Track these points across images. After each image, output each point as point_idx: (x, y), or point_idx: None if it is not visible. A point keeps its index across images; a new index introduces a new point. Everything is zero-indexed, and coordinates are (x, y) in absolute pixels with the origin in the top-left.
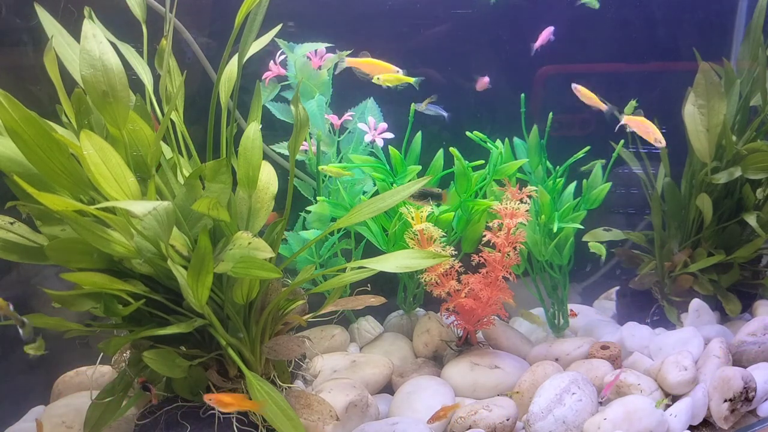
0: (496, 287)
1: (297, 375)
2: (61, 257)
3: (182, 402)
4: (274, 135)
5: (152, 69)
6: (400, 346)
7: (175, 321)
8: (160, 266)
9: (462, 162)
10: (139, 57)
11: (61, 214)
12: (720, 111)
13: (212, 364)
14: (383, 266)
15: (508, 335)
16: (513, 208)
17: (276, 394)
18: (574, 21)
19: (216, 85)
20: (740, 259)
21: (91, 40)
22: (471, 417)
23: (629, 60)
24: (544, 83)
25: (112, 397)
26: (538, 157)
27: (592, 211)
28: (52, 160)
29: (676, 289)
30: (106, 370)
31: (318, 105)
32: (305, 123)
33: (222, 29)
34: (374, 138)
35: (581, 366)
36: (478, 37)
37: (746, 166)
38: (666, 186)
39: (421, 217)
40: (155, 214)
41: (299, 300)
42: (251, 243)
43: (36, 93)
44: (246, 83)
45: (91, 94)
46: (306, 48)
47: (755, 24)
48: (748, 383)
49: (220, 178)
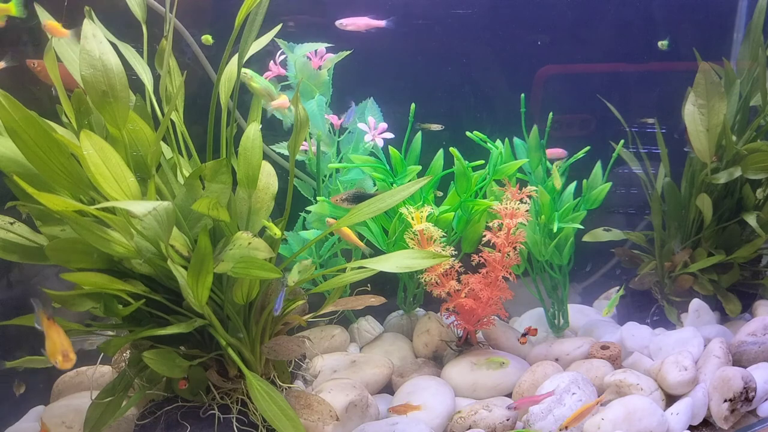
0: (496, 287)
1: (297, 375)
2: (61, 257)
3: (182, 402)
4: (274, 135)
5: (152, 69)
6: (400, 346)
7: (175, 321)
8: (160, 266)
9: (462, 162)
10: (139, 57)
11: (61, 214)
12: (720, 111)
13: (212, 364)
14: (383, 266)
15: (508, 335)
16: (513, 208)
17: (276, 394)
18: (574, 21)
19: (216, 85)
20: (740, 259)
21: (91, 40)
22: (471, 417)
23: (629, 60)
24: (544, 83)
25: (112, 397)
26: (538, 157)
27: (592, 211)
28: (52, 160)
29: (676, 289)
30: (106, 370)
31: (318, 105)
32: (305, 123)
33: (222, 29)
34: (374, 138)
35: (581, 366)
36: (478, 36)
37: (746, 166)
38: (666, 186)
39: (421, 217)
40: (155, 214)
41: (299, 300)
42: (251, 243)
43: (36, 93)
44: None
45: (91, 94)
46: (306, 48)
47: (755, 24)
48: (748, 383)
49: (220, 178)
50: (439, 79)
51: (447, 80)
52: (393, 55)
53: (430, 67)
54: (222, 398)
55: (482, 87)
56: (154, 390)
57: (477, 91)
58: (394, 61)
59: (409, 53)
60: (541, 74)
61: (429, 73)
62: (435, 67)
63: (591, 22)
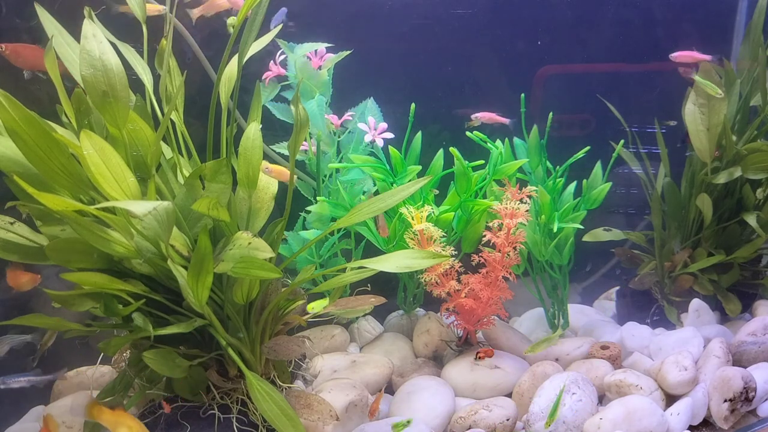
0: (496, 287)
1: (297, 375)
2: (61, 257)
3: (182, 402)
4: (274, 135)
5: (152, 69)
6: (400, 346)
7: (175, 321)
8: (160, 266)
9: (462, 162)
10: (139, 57)
11: (61, 214)
12: (720, 110)
13: (212, 364)
14: (383, 266)
15: (508, 335)
16: (513, 208)
17: (276, 394)
18: (574, 21)
19: (216, 85)
20: (740, 259)
21: (91, 40)
22: (471, 417)
23: (629, 60)
24: (544, 83)
25: (112, 397)
26: (538, 157)
27: (592, 211)
28: (52, 160)
29: (676, 289)
30: (106, 370)
31: (318, 105)
32: (305, 123)
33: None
34: (374, 138)
35: (581, 366)
36: (478, 36)
37: (746, 166)
38: (666, 186)
39: (421, 217)
40: (155, 214)
41: (299, 300)
42: (251, 243)
43: (36, 93)
44: (246, 83)
45: (91, 94)
46: (306, 48)
47: (755, 24)
48: (748, 383)
49: (220, 178)
50: (439, 79)
51: (447, 80)
52: (393, 55)
53: (430, 67)
54: (222, 398)
55: (482, 87)
56: (154, 390)
57: (477, 91)
58: (394, 61)
59: (409, 53)
60: (541, 74)
61: (429, 73)
62: (435, 67)
63: (591, 22)
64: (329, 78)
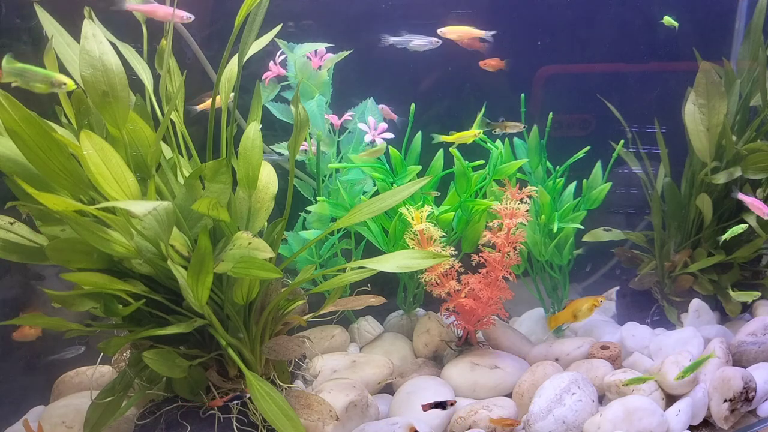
0: (496, 287)
1: (297, 375)
2: (61, 257)
3: (182, 402)
4: (274, 135)
5: (152, 69)
6: (400, 346)
7: (175, 321)
8: (160, 266)
9: (462, 162)
10: (139, 57)
11: (61, 214)
12: (720, 110)
13: (212, 364)
14: (383, 266)
15: (508, 335)
16: (513, 208)
17: (276, 394)
18: (574, 21)
19: (216, 85)
20: (740, 259)
21: (91, 40)
22: (471, 417)
23: (629, 60)
24: (544, 83)
25: (112, 397)
26: (538, 157)
27: (592, 211)
28: (52, 160)
29: (676, 289)
30: (106, 370)
31: (318, 105)
32: (305, 123)
33: (222, 29)
34: (374, 138)
35: (581, 366)
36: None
37: (746, 166)
38: (666, 186)
39: (421, 217)
40: (155, 214)
41: (299, 300)
42: (251, 243)
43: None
44: (246, 83)
45: (91, 94)
46: (306, 48)
47: (755, 24)
48: (748, 383)
49: (220, 178)
50: (439, 79)
51: (447, 80)
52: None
53: (430, 67)
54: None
55: (482, 87)
56: (154, 390)
57: (477, 91)
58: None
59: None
60: (541, 74)
61: (429, 74)
62: (435, 67)
63: (591, 22)
64: (329, 78)
